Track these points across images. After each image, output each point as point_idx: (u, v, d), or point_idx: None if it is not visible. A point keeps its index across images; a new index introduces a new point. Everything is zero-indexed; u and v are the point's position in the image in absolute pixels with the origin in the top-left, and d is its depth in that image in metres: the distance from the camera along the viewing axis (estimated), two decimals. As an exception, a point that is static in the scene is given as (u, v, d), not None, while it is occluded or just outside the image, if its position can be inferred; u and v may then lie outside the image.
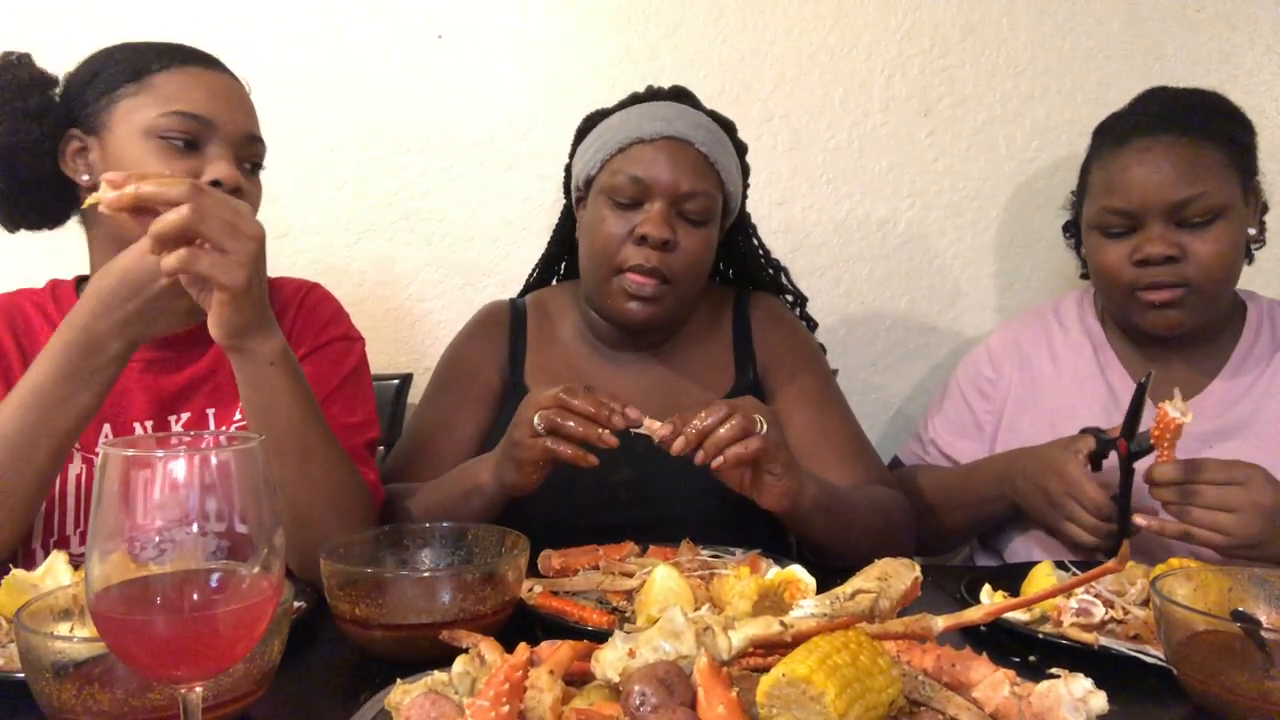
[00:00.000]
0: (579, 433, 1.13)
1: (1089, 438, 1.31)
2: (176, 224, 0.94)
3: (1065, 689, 0.70)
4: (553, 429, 1.13)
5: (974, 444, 1.58)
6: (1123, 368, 1.50)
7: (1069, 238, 1.62)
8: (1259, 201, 1.43)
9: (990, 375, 1.59)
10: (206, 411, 1.29)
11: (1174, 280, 1.35)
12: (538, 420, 1.14)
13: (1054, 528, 1.34)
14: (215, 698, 0.78)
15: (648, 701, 0.64)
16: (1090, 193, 1.45)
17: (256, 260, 0.99)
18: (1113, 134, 1.44)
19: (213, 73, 1.24)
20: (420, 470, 1.42)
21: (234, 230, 0.97)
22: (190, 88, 1.20)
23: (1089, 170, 1.48)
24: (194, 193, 0.95)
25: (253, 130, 1.25)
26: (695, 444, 1.12)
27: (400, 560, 1.11)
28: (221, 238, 0.96)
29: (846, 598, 0.78)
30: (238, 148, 1.22)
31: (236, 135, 1.22)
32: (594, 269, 1.42)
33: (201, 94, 1.20)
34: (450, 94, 1.88)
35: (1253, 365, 1.45)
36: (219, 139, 1.20)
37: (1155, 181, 1.34)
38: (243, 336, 1.03)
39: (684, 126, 1.38)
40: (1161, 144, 1.36)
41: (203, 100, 1.20)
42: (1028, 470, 1.36)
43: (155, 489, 0.61)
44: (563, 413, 1.14)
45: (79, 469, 1.22)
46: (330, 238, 1.89)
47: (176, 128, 1.17)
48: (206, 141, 1.19)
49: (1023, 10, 1.93)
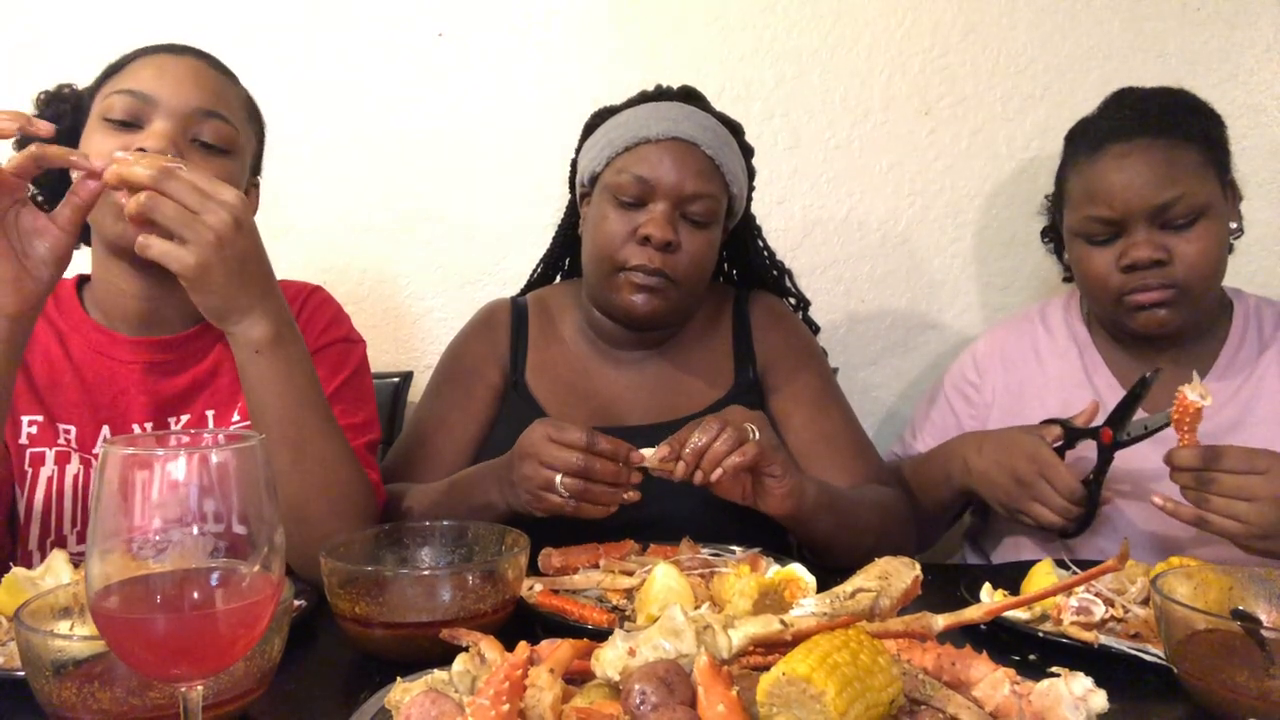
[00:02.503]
0: (605, 498, 1.15)
1: (1056, 427, 1.33)
2: (133, 208, 0.96)
3: (1065, 687, 0.70)
4: (579, 496, 1.14)
5: None
6: (1109, 371, 1.50)
7: (1047, 242, 1.62)
8: (1236, 193, 1.43)
9: (975, 380, 1.60)
10: (206, 413, 1.29)
11: (1162, 282, 1.35)
12: (562, 486, 1.14)
13: (1013, 507, 1.35)
14: (215, 696, 0.78)
15: (648, 700, 0.64)
16: (1070, 201, 1.45)
17: (217, 247, 0.98)
18: (1087, 140, 1.43)
19: (172, 56, 1.22)
20: (420, 468, 1.42)
21: (189, 218, 0.97)
22: (139, 69, 1.21)
23: (1065, 178, 1.47)
24: (159, 177, 0.96)
25: (204, 105, 1.20)
26: (695, 464, 1.14)
27: (400, 558, 1.11)
28: (175, 224, 0.96)
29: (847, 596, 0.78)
30: (184, 121, 1.19)
31: (182, 109, 1.18)
32: (596, 267, 1.42)
33: (149, 73, 1.20)
34: (450, 93, 1.88)
35: (1240, 366, 1.45)
36: (161, 113, 1.17)
37: (1136, 186, 1.34)
38: (221, 320, 1.05)
39: (691, 128, 1.38)
40: (1138, 148, 1.36)
41: (148, 79, 1.19)
42: (987, 449, 1.38)
43: (155, 488, 0.61)
44: (587, 482, 1.14)
45: (76, 469, 1.22)
46: (330, 238, 1.89)
47: (117, 106, 1.17)
48: (149, 118, 1.18)
49: (1023, 10, 1.92)
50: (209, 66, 1.25)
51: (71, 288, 1.31)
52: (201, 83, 1.22)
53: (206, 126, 1.20)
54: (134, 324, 1.27)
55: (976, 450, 1.40)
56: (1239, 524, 1.16)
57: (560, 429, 1.15)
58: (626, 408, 1.47)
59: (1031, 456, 1.31)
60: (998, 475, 1.35)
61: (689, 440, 1.14)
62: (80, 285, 1.32)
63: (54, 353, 1.25)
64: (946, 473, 1.45)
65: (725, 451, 1.13)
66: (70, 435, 1.24)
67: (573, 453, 1.14)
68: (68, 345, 1.26)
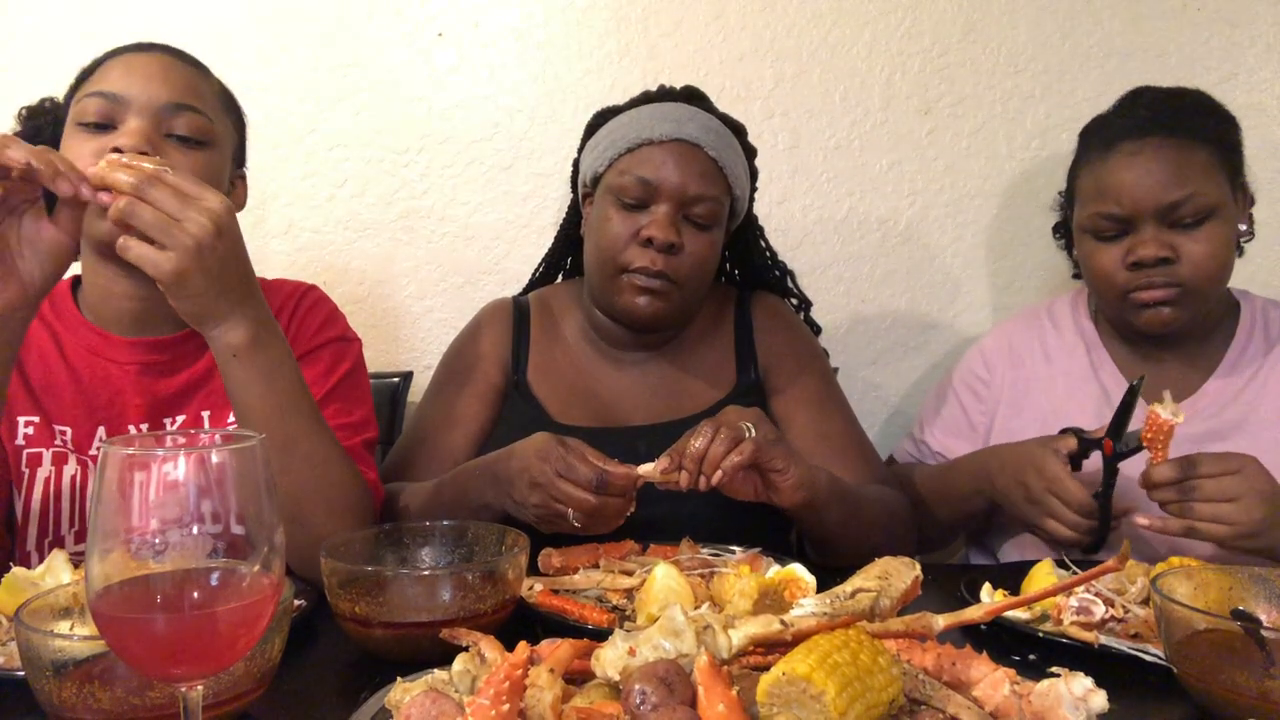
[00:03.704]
0: (615, 520, 1.15)
1: (1070, 437, 1.32)
2: (113, 214, 0.97)
3: (1065, 687, 0.70)
4: (585, 526, 1.14)
5: (966, 444, 1.58)
6: (1116, 368, 1.50)
7: (1059, 239, 1.63)
8: (1247, 197, 1.43)
9: (984, 376, 1.60)
10: (202, 414, 1.29)
11: (1167, 281, 1.36)
12: (574, 518, 1.13)
13: (1032, 523, 1.34)
14: (215, 696, 0.78)
15: (648, 700, 0.64)
16: (1080, 197, 1.46)
17: (196, 254, 0.98)
18: (1100, 137, 1.43)
19: (140, 55, 1.22)
20: (421, 467, 1.42)
21: (168, 224, 0.97)
22: (109, 70, 1.20)
23: (1077, 174, 1.48)
24: (139, 184, 0.96)
25: (174, 99, 1.19)
26: (696, 470, 1.14)
27: (400, 558, 1.11)
28: (154, 231, 0.97)
29: (847, 596, 0.78)
30: (156, 117, 1.18)
31: (153, 105, 1.18)
32: (599, 269, 1.42)
33: (118, 73, 1.19)
34: (450, 93, 1.88)
35: (1246, 365, 1.45)
36: (133, 112, 1.17)
37: (1145, 185, 1.35)
38: (199, 324, 1.05)
39: (694, 129, 1.38)
40: (1149, 147, 1.36)
41: (117, 79, 1.19)
42: (1007, 466, 1.37)
43: (155, 488, 0.61)
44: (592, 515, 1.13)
45: (74, 470, 1.22)
46: (330, 237, 1.89)
47: (90, 108, 1.17)
48: (121, 118, 1.17)
49: (1023, 10, 1.92)
50: (178, 60, 1.24)
51: (66, 289, 1.31)
52: (170, 78, 1.21)
53: (179, 120, 1.20)
54: (127, 325, 1.27)
55: (999, 467, 1.38)
56: (1226, 526, 1.16)
57: (569, 466, 1.13)
58: (628, 408, 1.47)
59: (1040, 471, 1.30)
60: (1013, 491, 1.35)
61: (687, 448, 1.14)
62: (75, 286, 1.32)
63: (49, 354, 1.25)
64: (976, 488, 1.44)
65: (723, 453, 1.13)
66: (66, 436, 1.24)
67: (585, 494, 1.12)
68: (63, 347, 1.26)
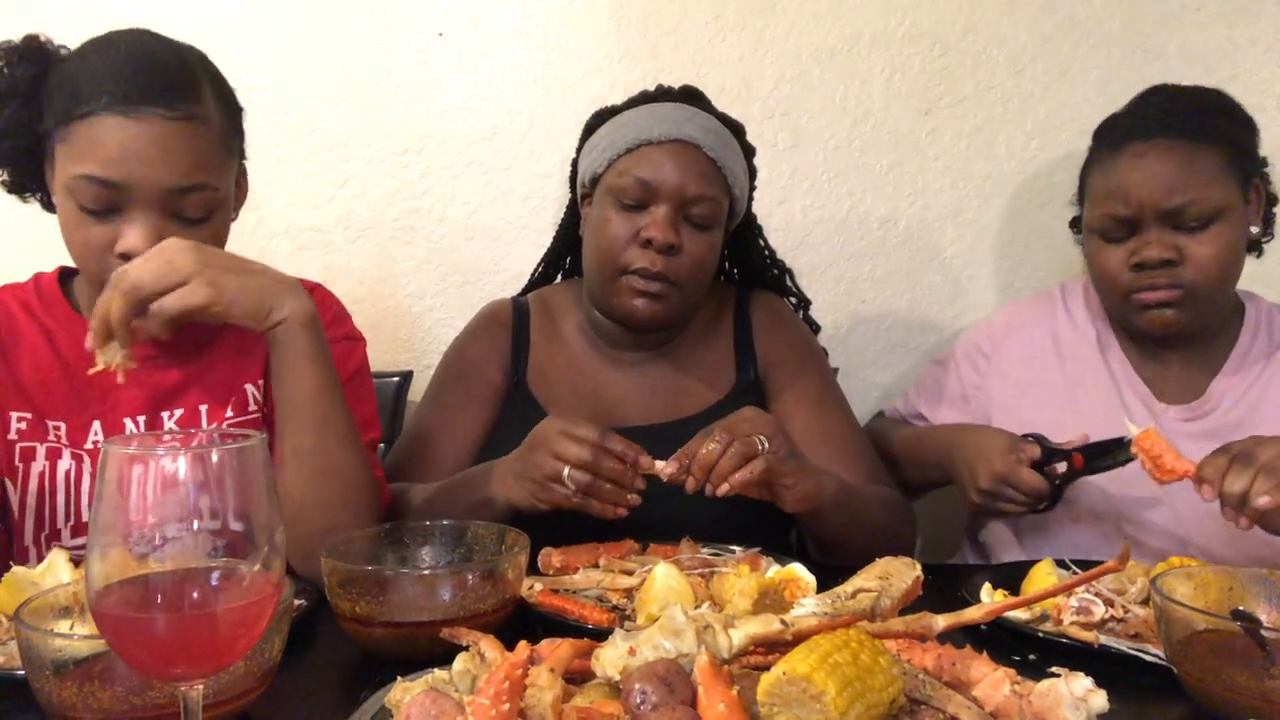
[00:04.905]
0: (610, 496, 1.15)
1: (1035, 445, 1.33)
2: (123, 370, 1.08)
3: (1065, 687, 0.70)
4: (584, 489, 1.15)
5: (955, 413, 1.60)
6: (1123, 354, 1.51)
7: (1077, 234, 1.62)
8: (1262, 198, 1.43)
9: (987, 351, 1.61)
10: (199, 408, 1.27)
11: (1170, 283, 1.36)
12: (569, 478, 1.14)
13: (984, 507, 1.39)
14: (216, 695, 0.78)
15: (648, 700, 0.64)
16: (1089, 197, 1.46)
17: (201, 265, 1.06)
18: (1110, 137, 1.44)
19: (132, 121, 1.10)
20: (420, 468, 1.42)
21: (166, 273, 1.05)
22: (100, 145, 1.10)
23: (1088, 173, 1.48)
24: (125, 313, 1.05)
25: (181, 181, 1.13)
26: (704, 478, 1.15)
27: (400, 558, 1.11)
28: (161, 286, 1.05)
29: (847, 596, 0.78)
30: (163, 203, 1.13)
31: (155, 193, 1.12)
32: (598, 270, 1.42)
33: (112, 151, 1.10)
34: (450, 93, 1.88)
35: (1250, 366, 1.45)
36: (135, 201, 1.12)
37: (1150, 186, 1.35)
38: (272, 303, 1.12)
39: (693, 130, 1.38)
40: (1157, 148, 1.36)
41: (113, 160, 1.10)
42: (966, 451, 1.40)
43: (155, 487, 0.61)
44: (594, 477, 1.14)
45: (68, 465, 1.22)
46: (330, 237, 1.89)
47: (87, 195, 1.11)
48: (123, 204, 1.12)
49: (1023, 10, 1.92)
50: (171, 125, 1.12)
51: (54, 283, 1.29)
52: (172, 155, 1.12)
53: (187, 202, 1.15)
54: None
55: (959, 450, 1.42)
56: None
57: (574, 423, 1.16)
58: (628, 408, 1.47)
59: (990, 472, 1.34)
60: (965, 479, 1.39)
61: (698, 453, 1.15)
62: (63, 279, 1.30)
63: (41, 350, 1.24)
64: (937, 460, 1.49)
65: (732, 468, 1.13)
66: (60, 431, 1.23)
67: (584, 446, 1.14)
68: (55, 342, 1.25)
